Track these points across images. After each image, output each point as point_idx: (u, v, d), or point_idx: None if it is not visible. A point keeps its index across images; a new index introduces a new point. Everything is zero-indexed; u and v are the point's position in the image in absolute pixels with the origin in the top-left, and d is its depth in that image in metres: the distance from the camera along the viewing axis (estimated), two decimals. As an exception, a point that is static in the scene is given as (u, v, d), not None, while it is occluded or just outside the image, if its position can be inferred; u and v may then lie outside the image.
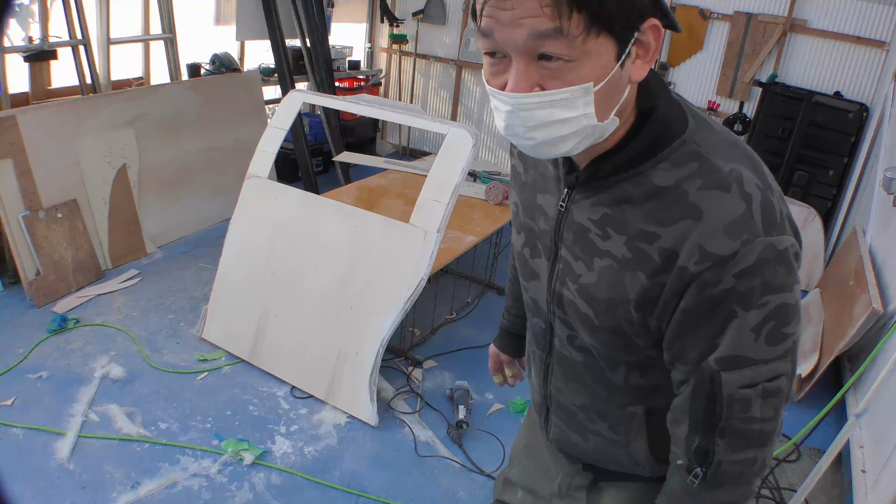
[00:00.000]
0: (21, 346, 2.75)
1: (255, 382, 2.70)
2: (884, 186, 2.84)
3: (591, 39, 0.65)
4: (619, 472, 1.00)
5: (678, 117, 0.76)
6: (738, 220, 0.70)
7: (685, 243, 0.72)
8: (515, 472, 1.26)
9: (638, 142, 0.75)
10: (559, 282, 0.88)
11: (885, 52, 4.13)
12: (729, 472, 0.79)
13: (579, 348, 0.92)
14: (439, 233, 2.41)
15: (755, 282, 0.70)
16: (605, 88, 0.68)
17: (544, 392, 1.03)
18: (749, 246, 0.70)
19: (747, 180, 0.72)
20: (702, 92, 4.80)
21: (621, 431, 0.94)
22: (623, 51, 0.68)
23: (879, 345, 2.34)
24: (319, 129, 5.12)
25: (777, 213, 0.73)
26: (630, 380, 0.90)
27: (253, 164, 2.84)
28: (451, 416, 2.60)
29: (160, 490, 2.13)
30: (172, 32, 4.11)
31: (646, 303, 0.78)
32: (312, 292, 2.65)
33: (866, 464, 2.21)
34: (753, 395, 0.74)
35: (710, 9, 4.59)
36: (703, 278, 0.71)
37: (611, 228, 0.79)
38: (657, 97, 0.76)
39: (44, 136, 3.13)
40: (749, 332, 0.72)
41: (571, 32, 0.64)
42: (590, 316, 0.84)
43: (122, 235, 3.55)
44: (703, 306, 0.73)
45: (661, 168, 0.75)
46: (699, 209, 0.72)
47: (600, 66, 0.67)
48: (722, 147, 0.75)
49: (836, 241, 4.11)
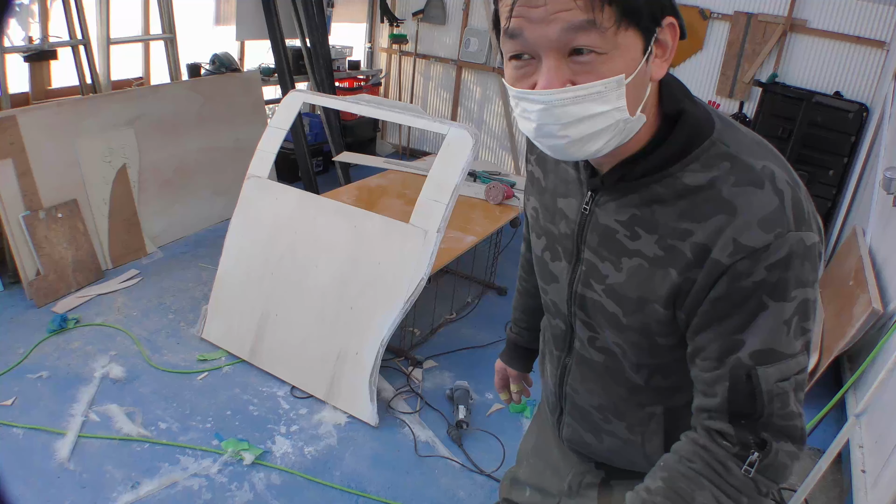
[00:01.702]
0: (21, 346, 2.75)
1: (255, 382, 2.70)
2: (884, 186, 2.84)
3: (621, 32, 0.67)
4: (630, 470, 1.01)
5: (706, 119, 0.77)
6: (772, 215, 0.72)
7: (719, 238, 0.73)
8: (524, 471, 1.26)
9: (670, 144, 0.76)
10: (581, 284, 0.89)
11: (885, 52, 4.13)
12: (782, 462, 0.78)
13: (600, 349, 0.92)
14: (439, 233, 2.41)
15: (786, 274, 0.72)
16: (633, 82, 0.69)
17: (559, 392, 1.04)
18: (781, 239, 0.71)
19: (779, 177, 0.74)
20: (702, 92, 4.80)
21: (638, 431, 0.95)
22: (648, 45, 0.70)
23: (879, 345, 2.34)
24: (319, 129, 5.12)
25: (805, 210, 0.74)
26: (652, 381, 0.90)
27: (253, 164, 2.84)
28: (451, 416, 2.60)
29: (160, 490, 2.13)
30: (172, 32, 4.11)
31: (676, 297, 0.78)
32: (312, 292, 2.65)
33: (866, 464, 2.21)
34: (789, 388, 0.74)
35: (710, 9, 4.59)
36: (735, 269, 0.72)
37: (640, 228, 0.80)
38: (681, 100, 0.77)
39: (44, 136, 3.13)
40: (783, 325, 0.73)
41: (604, 24, 0.65)
42: (618, 315, 0.85)
43: (122, 235, 3.55)
44: (732, 296, 0.74)
45: (690, 169, 0.76)
46: (733, 205, 0.73)
47: (630, 58, 0.68)
48: (751, 146, 0.77)
49: (836, 241, 4.11)
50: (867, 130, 4.01)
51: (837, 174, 4.21)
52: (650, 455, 0.95)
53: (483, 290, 3.65)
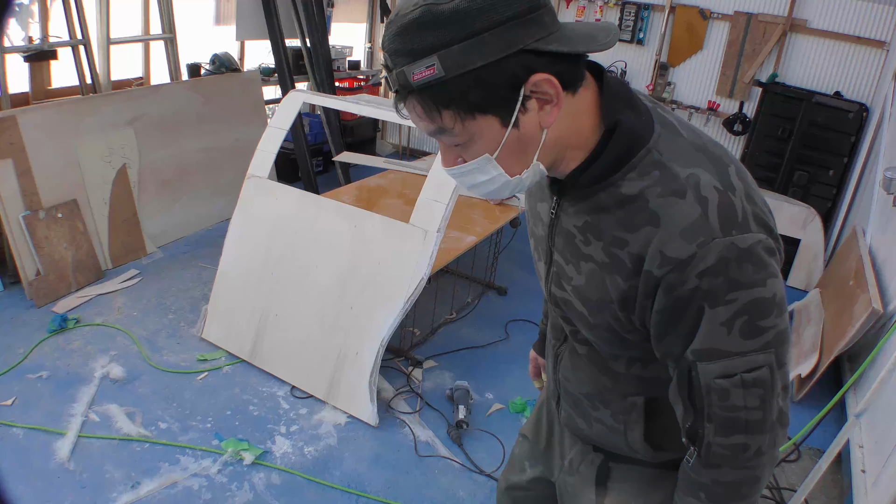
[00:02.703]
0: (21, 346, 2.75)
1: (255, 382, 2.70)
2: (884, 186, 2.84)
3: (469, 123, 0.74)
4: (625, 455, 1.05)
5: (645, 126, 0.80)
6: (693, 225, 0.74)
7: (649, 249, 0.77)
8: (520, 448, 1.34)
9: (606, 156, 0.80)
10: (554, 283, 0.95)
11: (885, 52, 4.13)
12: (720, 454, 0.82)
13: (582, 341, 0.98)
14: (439, 233, 2.41)
15: (718, 280, 0.74)
16: (506, 151, 0.77)
17: (556, 378, 1.10)
18: (706, 248, 0.73)
19: (704, 184, 0.76)
20: (702, 92, 4.81)
21: (621, 420, 0.99)
22: (508, 119, 0.75)
23: (879, 345, 2.34)
24: (319, 129, 5.12)
25: (738, 213, 0.75)
26: (632, 370, 0.94)
27: (253, 164, 2.84)
28: (451, 416, 2.60)
29: (160, 490, 2.13)
30: (172, 32, 4.11)
31: (626, 303, 0.83)
32: (312, 292, 2.65)
33: (866, 464, 2.21)
34: (731, 385, 0.78)
35: (710, 9, 4.59)
36: (667, 281, 0.76)
37: (590, 234, 0.84)
38: (620, 111, 0.81)
39: (44, 136, 3.13)
40: (720, 327, 0.76)
41: (448, 127, 0.75)
42: (585, 314, 0.90)
43: (122, 235, 3.55)
44: (673, 307, 0.77)
45: (629, 178, 0.79)
46: (658, 216, 0.76)
47: (489, 139, 0.76)
48: (684, 153, 0.79)
49: (836, 241, 4.11)
50: (867, 130, 4.01)
51: (837, 174, 4.21)
52: (631, 444, 1.00)
53: (483, 290, 3.65)
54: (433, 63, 0.70)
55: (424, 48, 0.70)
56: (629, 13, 4.86)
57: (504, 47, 0.70)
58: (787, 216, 4.12)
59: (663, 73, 4.88)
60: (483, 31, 0.69)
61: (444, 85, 0.71)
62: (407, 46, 0.71)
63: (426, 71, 0.70)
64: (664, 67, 4.86)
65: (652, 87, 4.90)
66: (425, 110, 0.74)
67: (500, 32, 0.70)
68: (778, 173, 4.39)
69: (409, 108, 0.76)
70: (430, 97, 0.73)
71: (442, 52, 0.70)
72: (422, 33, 0.70)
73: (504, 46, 0.70)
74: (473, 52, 0.70)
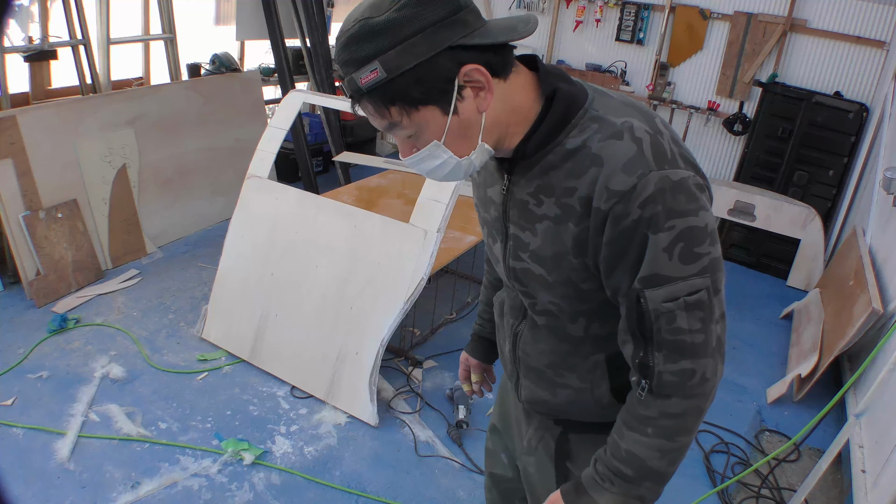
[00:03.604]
0: (21, 346, 2.75)
1: (255, 382, 2.70)
2: (884, 186, 2.85)
3: (415, 115, 0.85)
4: (587, 422, 1.11)
5: (580, 92, 0.91)
6: (632, 160, 0.84)
7: (595, 187, 0.86)
8: (492, 441, 1.40)
9: (549, 120, 0.90)
10: (512, 257, 1.02)
11: (885, 52, 4.13)
12: (669, 382, 0.90)
13: (541, 312, 1.05)
14: (439, 233, 2.41)
15: (657, 208, 0.83)
16: (451, 136, 0.88)
17: (514, 358, 1.16)
18: (645, 179, 0.83)
19: (637, 128, 0.86)
20: (702, 92, 4.81)
21: (587, 380, 1.06)
22: (447, 107, 0.85)
23: (879, 345, 2.34)
24: (319, 129, 5.12)
25: (668, 152, 0.86)
26: (590, 330, 1.02)
27: (253, 164, 2.85)
28: (451, 416, 2.60)
29: (160, 490, 2.13)
30: (172, 32, 4.12)
31: (580, 247, 0.91)
32: (312, 292, 2.65)
33: (866, 464, 2.21)
34: (676, 307, 0.86)
35: (710, 8, 4.59)
36: (613, 213, 0.84)
37: (542, 195, 0.93)
38: (555, 83, 0.91)
39: (44, 136, 3.13)
40: (662, 253, 0.84)
41: (397, 120, 0.86)
42: (544, 275, 0.98)
43: (122, 235, 3.55)
44: (620, 237, 0.86)
45: (571, 135, 0.89)
46: (600, 157, 0.86)
47: (435, 126, 0.87)
48: (616, 107, 0.90)
49: (836, 241, 4.11)
50: (867, 130, 4.01)
51: (837, 174, 4.21)
52: (599, 399, 1.06)
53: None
54: (375, 67, 0.81)
55: (366, 56, 0.81)
56: (629, 13, 4.86)
57: (433, 47, 0.81)
58: (787, 216, 4.12)
59: (663, 73, 4.88)
60: (413, 36, 0.81)
61: (388, 85, 0.82)
62: (352, 56, 0.82)
63: (370, 75, 0.82)
64: (664, 67, 4.86)
65: (652, 87, 4.90)
66: (375, 109, 0.85)
67: (428, 35, 0.81)
68: (778, 173, 4.39)
69: (364, 109, 0.87)
70: (377, 97, 0.84)
71: (381, 57, 0.81)
72: (361, 44, 0.81)
73: (433, 46, 0.81)
74: (408, 54, 0.81)
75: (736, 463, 2.56)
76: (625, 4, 4.85)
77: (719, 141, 4.83)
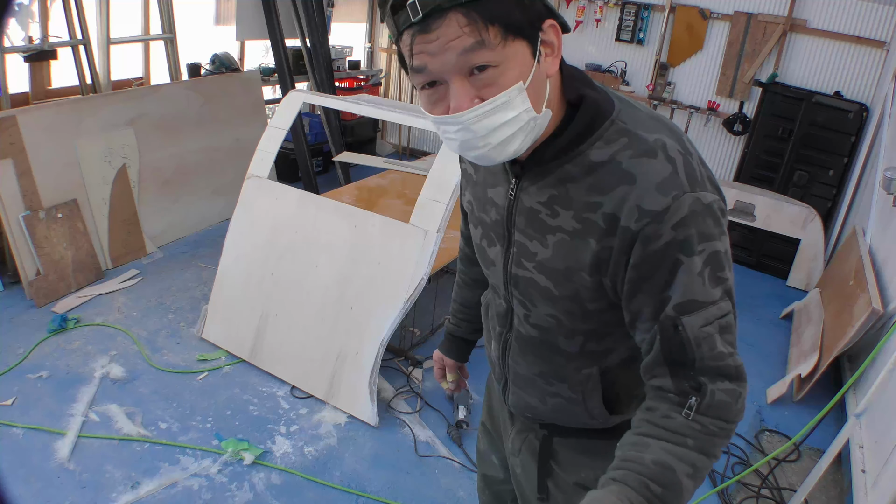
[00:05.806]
0: (21, 346, 2.75)
1: (255, 382, 2.70)
2: (884, 186, 2.85)
3: (509, 45, 0.76)
4: (572, 427, 1.09)
5: (605, 101, 0.87)
6: (667, 180, 0.80)
7: (624, 206, 0.81)
8: (484, 442, 1.38)
9: (575, 125, 0.85)
10: (514, 264, 0.98)
11: (885, 52, 4.13)
12: (720, 400, 0.85)
13: (534, 325, 1.01)
14: (439, 233, 2.41)
15: (690, 231, 0.80)
16: (532, 85, 0.79)
17: (503, 364, 1.13)
18: (679, 201, 0.79)
19: (670, 147, 0.82)
20: (702, 92, 4.81)
21: (578, 391, 1.03)
22: (535, 49, 0.79)
23: (879, 345, 2.34)
24: (319, 129, 5.12)
25: (698, 174, 0.82)
26: (586, 348, 0.99)
27: (253, 164, 2.85)
28: (451, 416, 2.60)
29: (160, 490, 2.13)
30: (172, 32, 4.12)
31: (599, 265, 0.86)
32: (312, 292, 2.65)
33: (866, 464, 2.21)
34: (713, 331, 0.83)
35: (710, 8, 4.59)
36: (644, 233, 0.80)
37: (558, 206, 0.88)
38: (582, 88, 0.87)
39: (44, 136, 3.13)
40: (697, 277, 0.81)
41: (491, 42, 0.75)
42: (550, 288, 0.93)
43: (122, 235, 3.55)
44: (650, 259, 0.82)
45: (596, 147, 0.84)
46: (633, 174, 0.81)
47: (523, 65, 0.78)
48: (646, 121, 0.86)
49: (836, 241, 4.11)
50: (867, 130, 4.01)
51: (837, 174, 4.21)
52: (591, 409, 1.04)
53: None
54: None
55: None
56: (629, 13, 4.86)
57: None
58: (787, 216, 4.12)
59: (663, 73, 4.88)
60: None
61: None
62: None
63: None
64: (664, 67, 4.86)
65: (652, 87, 4.90)
66: (469, 22, 0.73)
67: None
68: (778, 173, 4.39)
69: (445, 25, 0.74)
70: (478, 11, 0.73)
71: None
72: None
73: None
74: None
75: (736, 463, 2.56)
76: (625, 4, 4.85)
77: (719, 141, 4.83)
